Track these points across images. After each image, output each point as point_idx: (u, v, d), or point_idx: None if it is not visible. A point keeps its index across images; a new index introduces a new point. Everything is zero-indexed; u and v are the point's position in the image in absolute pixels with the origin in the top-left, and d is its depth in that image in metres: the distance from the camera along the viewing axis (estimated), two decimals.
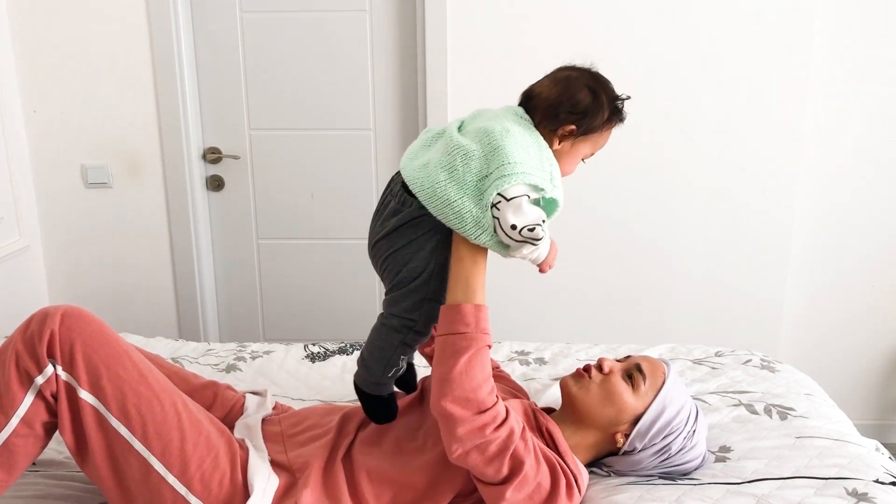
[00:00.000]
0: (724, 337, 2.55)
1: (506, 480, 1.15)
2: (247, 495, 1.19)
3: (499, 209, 1.11)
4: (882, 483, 1.24)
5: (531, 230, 1.10)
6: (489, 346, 1.16)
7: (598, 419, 1.31)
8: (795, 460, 1.32)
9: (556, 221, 2.72)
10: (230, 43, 2.51)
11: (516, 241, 1.11)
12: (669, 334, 2.59)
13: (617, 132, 1.27)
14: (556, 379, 1.78)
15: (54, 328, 1.15)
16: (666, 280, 2.60)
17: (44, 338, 1.14)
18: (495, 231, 1.13)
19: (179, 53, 2.45)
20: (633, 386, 1.31)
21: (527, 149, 1.15)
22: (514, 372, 1.85)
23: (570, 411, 1.35)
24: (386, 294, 1.27)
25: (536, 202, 1.15)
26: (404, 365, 1.30)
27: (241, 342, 2.17)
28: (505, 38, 2.41)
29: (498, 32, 2.40)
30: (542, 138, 1.19)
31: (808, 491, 1.22)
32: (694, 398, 1.62)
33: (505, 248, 1.17)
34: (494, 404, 1.13)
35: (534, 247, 1.12)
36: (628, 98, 1.25)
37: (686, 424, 1.31)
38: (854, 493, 1.21)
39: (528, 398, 1.54)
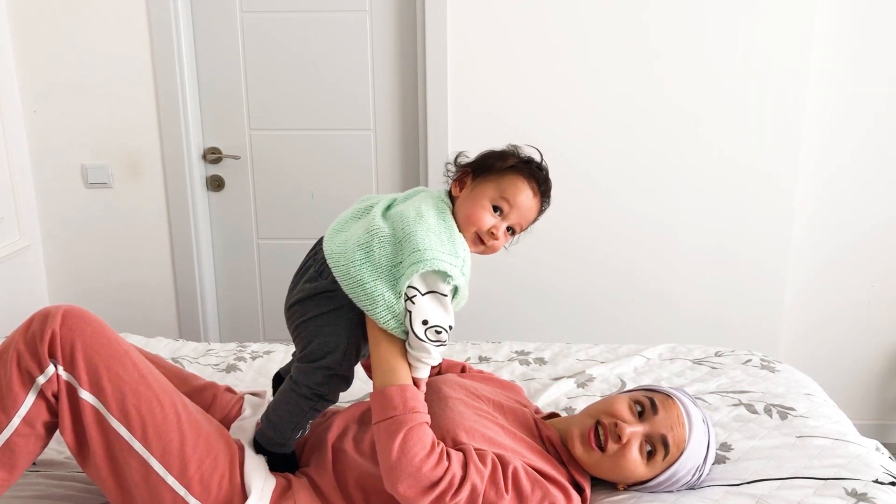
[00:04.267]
0: (724, 337, 2.55)
1: None
2: (245, 496, 1.19)
3: (414, 302, 1.12)
4: (882, 483, 1.24)
5: (438, 332, 1.12)
6: (426, 424, 1.14)
7: (602, 475, 1.26)
8: (795, 460, 1.32)
9: (557, 221, 2.70)
10: (230, 43, 2.51)
11: (419, 338, 1.12)
12: (669, 334, 2.59)
13: (609, 139, 1.27)
14: (556, 379, 1.78)
15: (55, 328, 1.15)
16: (666, 280, 2.60)
17: (45, 337, 1.14)
18: (404, 321, 1.14)
19: (179, 53, 2.45)
20: (649, 459, 1.22)
21: (438, 234, 1.17)
22: (514, 372, 1.85)
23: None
24: (296, 360, 1.26)
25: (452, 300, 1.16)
26: (309, 427, 1.30)
27: (241, 342, 2.17)
28: (505, 38, 2.41)
29: (498, 32, 2.41)
30: (454, 224, 1.21)
31: (807, 491, 1.22)
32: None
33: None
34: (446, 470, 1.11)
35: (430, 356, 1.14)
36: (541, 157, 1.28)
37: (694, 474, 1.25)
38: (854, 493, 1.21)
39: (523, 394, 1.53)
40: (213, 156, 2.60)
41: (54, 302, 2.65)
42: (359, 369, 1.45)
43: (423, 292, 1.12)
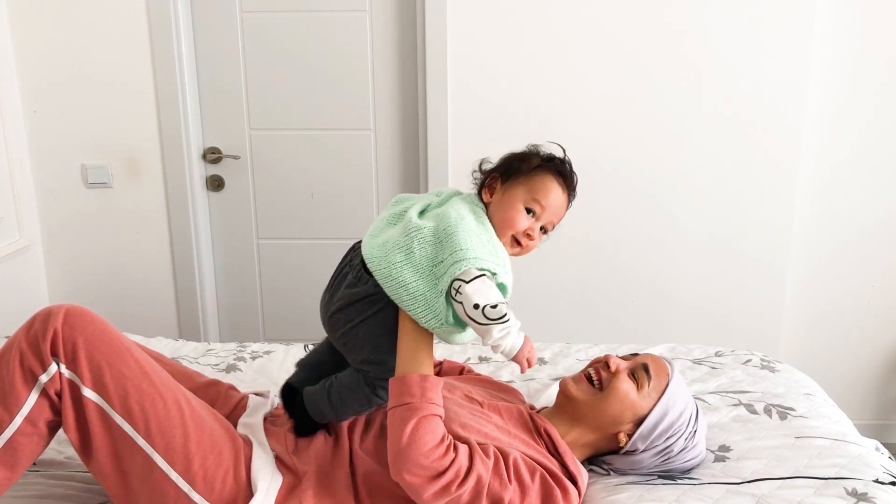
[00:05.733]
0: (724, 337, 2.55)
1: None
2: (250, 493, 1.19)
3: (461, 293, 1.12)
4: (882, 483, 1.24)
5: (494, 307, 1.11)
6: (438, 416, 1.15)
7: (601, 418, 1.31)
8: (795, 460, 1.32)
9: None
10: (230, 43, 2.51)
11: (482, 323, 1.12)
12: (669, 334, 2.59)
13: (610, 139, 1.27)
14: (556, 379, 1.78)
15: (57, 327, 1.16)
16: (666, 280, 2.60)
17: (47, 336, 1.15)
18: (453, 319, 1.15)
19: (179, 54, 2.45)
20: (637, 385, 1.32)
21: (479, 236, 1.18)
22: (514, 372, 1.85)
23: (570, 411, 1.35)
24: (359, 368, 1.27)
25: (499, 285, 1.17)
26: None
27: (241, 342, 2.17)
28: (505, 38, 2.41)
29: (498, 32, 2.41)
30: (491, 227, 1.23)
31: (807, 491, 1.22)
32: (694, 398, 1.62)
33: (452, 335, 1.19)
34: (452, 461, 1.12)
35: (504, 327, 1.12)
36: (564, 155, 1.29)
37: (688, 426, 1.32)
38: (854, 493, 1.21)
39: (521, 398, 1.53)
40: (213, 156, 2.60)
41: (54, 302, 2.65)
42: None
43: (467, 281, 1.12)
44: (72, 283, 2.65)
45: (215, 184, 2.64)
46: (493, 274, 1.16)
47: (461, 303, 1.12)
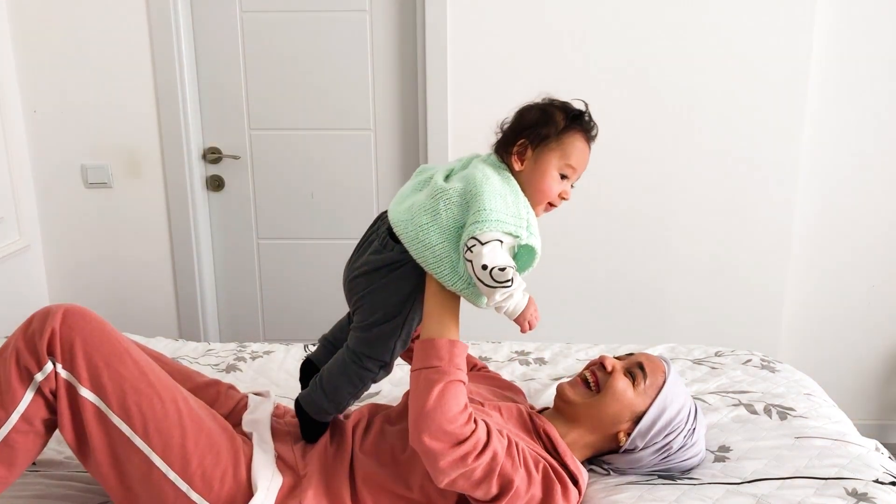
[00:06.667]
0: (724, 337, 2.55)
1: (497, 498, 1.16)
2: (250, 493, 1.19)
3: (472, 252, 1.12)
4: (882, 483, 1.24)
5: (501, 270, 1.11)
6: (463, 383, 1.15)
7: (599, 418, 1.31)
8: (795, 460, 1.32)
9: (558, 222, 2.71)
10: (230, 43, 2.51)
11: (487, 284, 1.12)
12: (669, 334, 2.59)
13: (610, 139, 1.27)
14: (556, 379, 1.78)
15: (55, 326, 1.16)
16: (666, 280, 2.60)
17: (44, 335, 1.15)
18: (470, 276, 1.14)
19: (179, 53, 2.45)
20: (634, 383, 1.32)
21: (503, 196, 1.17)
22: (514, 372, 1.86)
23: (565, 412, 1.35)
24: (353, 329, 1.28)
25: (511, 250, 1.17)
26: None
27: (241, 342, 2.17)
28: (505, 39, 2.41)
29: (498, 32, 2.41)
30: (517, 186, 1.22)
31: (808, 491, 1.22)
32: (694, 398, 1.62)
33: (479, 297, 1.18)
34: (473, 432, 1.13)
35: (506, 290, 1.12)
36: (586, 109, 1.26)
37: (686, 423, 1.32)
38: (854, 493, 1.21)
39: (523, 397, 1.53)
40: (213, 156, 2.60)
41: (54, 302, 2.65)
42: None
43: (482, 241, 1.12)
44: (72, 283, 2.65)
45: (215, 184, 2.64)
46: (516, 237, 1.15)
47: (470, 261, 1.12)
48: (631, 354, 1.41)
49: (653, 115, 2.45)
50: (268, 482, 1.20)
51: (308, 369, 1.40)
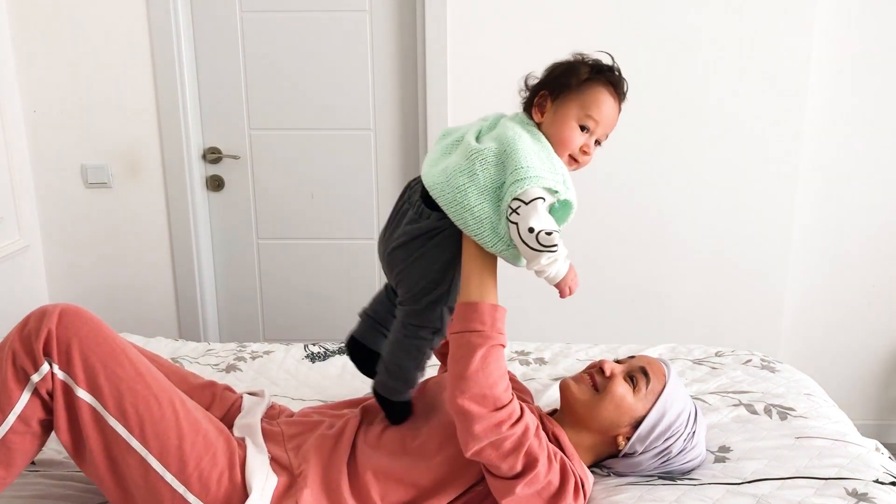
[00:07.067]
0: (724, 337, 2.55)
1: (518, 476, 1.16)
2: (245, 494, 1.19)
3: (518, 213, 1.11)
4: (882, 483, 1.24)
5: (549, 234, 1.10)
6: (504, 347, 1.16)
7: (599, 421, 1.31)
8: (795, 460, 1.32)
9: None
10: (230, 43, 2.51)
11: (533, 248, 1.11)
12: (669, 334, 2.58)
13: (610, 139, 1.26)
14: (556, 379, 1.78)
15: (51, 327, 1.15)
16: (666, 280, 2.60)
17: (41, 336, 1.15)
18: (512, 239, 1.13)
19: (179, 53, 2.45)
20: (634, 388, 1.31)
21: (538, 153, 1.16)
22: (515, 372, 1.85)
23: (570, 412, 1.35)
24: (401, 303, 1.28)
25: (551, 209, 1.16)
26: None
27: (241, 342, 2.17)
28: (505, 38, 2.41)
29: (498, 32, 2.40)
30: (548, 142, 1.20)
31: (808, 491, 1.22)
32: (694, 398, 1.62)
33: (518, 258, 1.17)
34: (510, 401, 1.14)
35: (551, 255, 1.11)
36: (613, 63, 1.25)
37: (686, 427, 1.31)
38: (854, 493, 1.21)
39: (532, 399, 1.54)
40: (212, 156, 2.60)
41: (54, 302, 2.65)
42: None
43: (526, 201, 1.11)
44: (71, 283, 2.65)
45: (215, 184, 2.64)
46: (555, 192, 1.14)
47: (516, 223, 1.11)
48: (632, 357, 1.41)
49: (653, 116, 2.45)
50: (262, 482, 1.20)
51: (354, 346, 1.41)
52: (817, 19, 2.37)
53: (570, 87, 1.21)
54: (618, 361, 1.39)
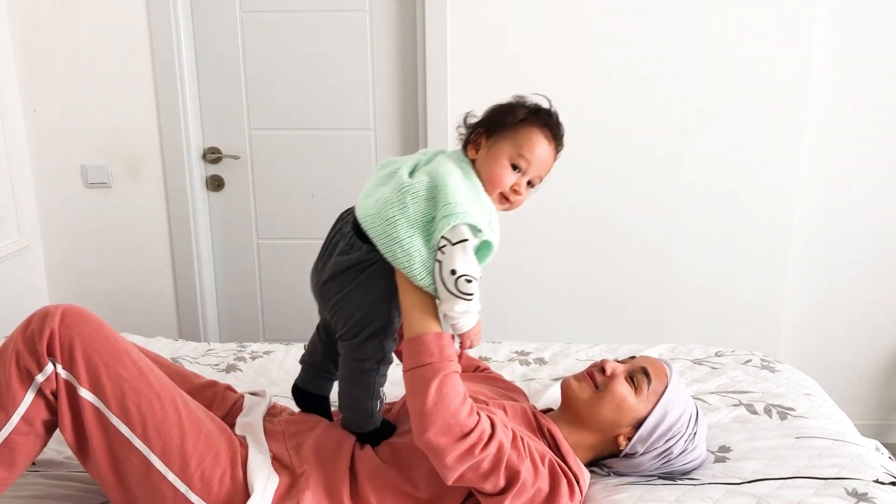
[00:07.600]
0: (724, 337, 2.55)
1: (504, 491, 1.16)
2: (247, 494, 1.19)
3: (443, 252, 1.12)
4: (882, 483, 1.24)
5: (469, 281, 1.11)
6: (457, 373, 1.15)
7: (599, 420, 1.31)
8: (795, 460, 1.32)
9: (558, 222, 2.70)
10: (230, 43, 2.51)
11: (450, 291, 1.12)
12: (669, 334, 2.59)
13: (610, 140, 1.27)
14: (556, 379, 1.78)
15: (54, 327, 1.15)
16: (666, 280, 2.60)
17: (44, 336, 1.15)
18: (434, 275, 1.14)
19: (179, 53, 2.45)
20: (635, 388, 1.31)
21: (467, 190, 1.18)
22: (514, 372, 1.85)
23: (570, 411, 1.35)
24: (340, 338, 1.28)
25: (485, 243, 1.17)
26: (384, 395, 1.33)
27: (241, 342, 2.17)
28: (505, 38, 2.41)
29: (498, 32, 2.40)
30: (479, 182, 1.22)
31: (808, 491, 1.22)
32: (694, 398, 1.62)
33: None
34: (477, 423, 1.13)
35: (466, 304, 1.12)
36: (550, 105, 1.26)
37: (687, 428, 1.31)
38: (854, 493, 1.21)
39: (526, 398, 1.53)
40: (212, 156, 2.60)
41: (54, 302, 2.65)
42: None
43: (453, 242, 1.12)
44: (71, 283, 2.65)
45: (215, 184, 2.64)
46: (479, 231, 1.15)
47: (440, 262, 1.12)
48: (633, 357, 1.41)
49: (653, 117, 2.45)
50: (264, 482, 1.20)
51: (300, 394, 1.41)
52: (816, 23, 2.37)
53: (505, 126, 1.23)
54: (619, 361, 1.39)
